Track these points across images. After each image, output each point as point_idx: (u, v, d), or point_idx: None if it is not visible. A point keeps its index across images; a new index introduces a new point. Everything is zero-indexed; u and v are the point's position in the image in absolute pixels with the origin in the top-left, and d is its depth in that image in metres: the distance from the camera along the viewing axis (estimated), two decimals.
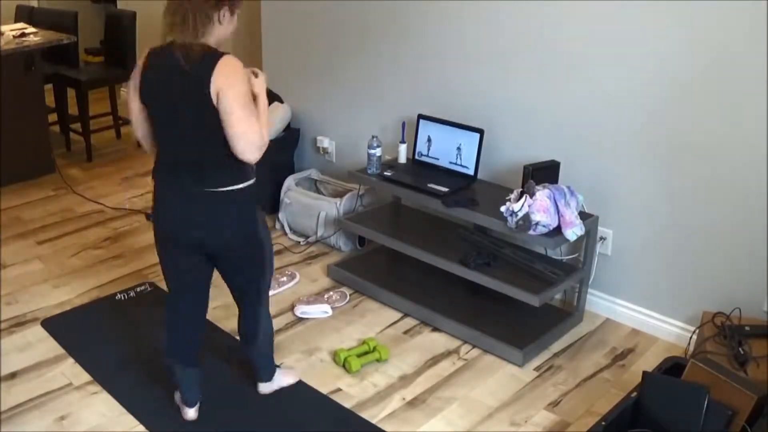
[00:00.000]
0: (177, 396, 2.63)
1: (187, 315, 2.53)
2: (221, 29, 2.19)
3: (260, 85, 2.26)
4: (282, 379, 2.75)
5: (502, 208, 2.94)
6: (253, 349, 2.63)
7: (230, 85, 2.09)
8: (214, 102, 2.10)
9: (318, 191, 4.16)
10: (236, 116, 2.11)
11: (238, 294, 2.55)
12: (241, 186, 2.27)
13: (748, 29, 2.59)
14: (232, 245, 2.37)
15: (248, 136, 2.13)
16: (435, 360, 2.96)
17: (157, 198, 2.35)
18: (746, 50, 2.61)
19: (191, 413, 2.57)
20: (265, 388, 2.72)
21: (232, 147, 2.15)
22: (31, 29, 4.68)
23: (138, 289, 3.41)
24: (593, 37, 2.98)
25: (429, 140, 3.46)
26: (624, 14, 2.87)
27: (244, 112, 2.11)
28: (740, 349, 2.49)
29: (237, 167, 2.23)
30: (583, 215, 3.00)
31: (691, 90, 2.78)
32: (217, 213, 2.28)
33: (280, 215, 4.00)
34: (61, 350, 2.96)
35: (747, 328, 2.58)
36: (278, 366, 2.78)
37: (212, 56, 2.12)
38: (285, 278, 3.49)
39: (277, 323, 3.19)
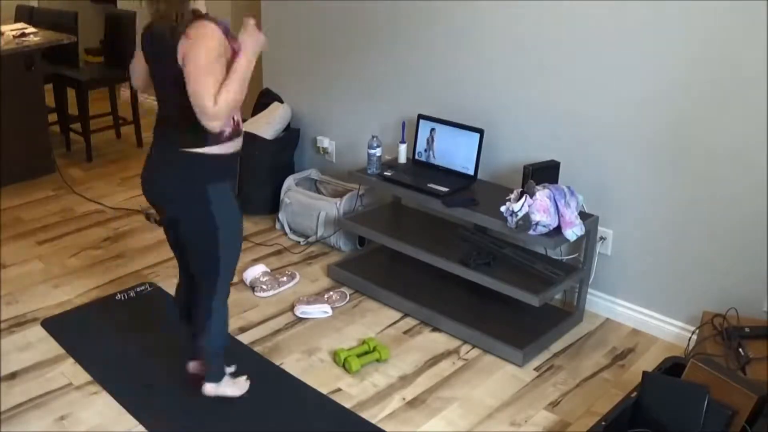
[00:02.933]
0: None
1: (182, 279, 2.64)
2: None
3: (248, 42, 2.22)
4: (227, 389, 2.63)
5: (502, 208, 2.94)
6: (202, 341, 2.54)
7: (193, 46, 2.13)
8: (180, 63, 2.15)
9: (318, 191, 4.16)
10: (191, 74, 2.13)
11: (192, 274, 2.50)
12: (195, 150, 2.26)
13: (748, 29, 2.59)
14: (175, 211, 2.38)
15: (197, 97, 2.13)
16: (435, 360, 2.96)
17: None
18: (746, 50, 2.61)
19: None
20: (209, 389, 2.60)
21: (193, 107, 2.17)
22: (31, 29, 4.68)
23: (138, 289, 3.41)
24: (594, 37, 2.98)
25: (433, 137, 3.46)
26: (624, 15, 2.87)
27: (200, 71, 2.12)
28: (740, 349, 2.49)
29: (197, 130, 2.20)
30: (583, 215, 3.00)
31: (691, 90, 2.79)
32: (165, 171, 2.33)
33: (280, 215, 4.00)
34: (61, 350, 2.96)
35: (747, 329, 2.58)
36: (231, 373, 2.70)
37: (186, 22, 2.17)
38: (285, 278, 3.49)
39: (277, 323, 3.20)
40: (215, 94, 2.12)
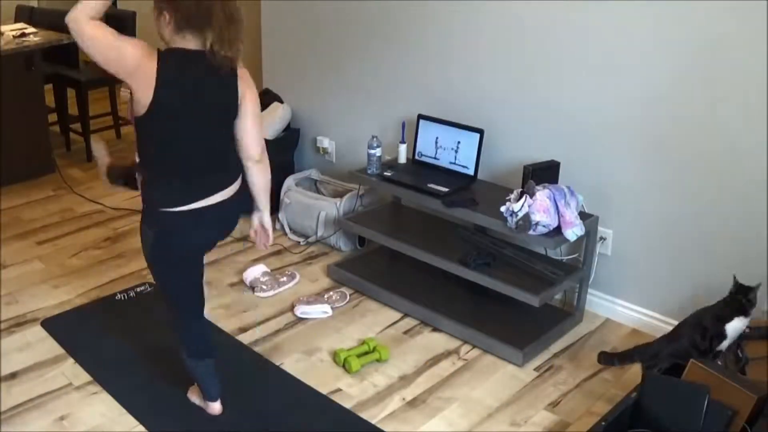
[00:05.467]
0: (195, 396, 2.64)
1: (201, 312, 2.53)
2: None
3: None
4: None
5: (502, 208, 2.94)
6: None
7: None
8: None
9: (318, 191, 4.16)
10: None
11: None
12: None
13: (748, 29, 2.59)
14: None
15: None
16: (435, 360, 2.96)
17: None
18: (747, 51, 2.61)
19: (217, 407, 2.59)
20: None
21: None
22: (31, 29, 4.68)
23: (138, 289, 3.41)
24: (593, 37, 2.98)
25: (436, 141, 3.47)
26: (624, 15, 2.87)
27: None
28: (738, 350, 2.49)
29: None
30: (583, 215, 3.00)
31: (691, 90, 2.78)
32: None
33: (280, 215, 4.00)
34: (61, 350, 2.96)
35: (747, 329, 2.58)
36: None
37: None
38: (285, 278, 3.49)
39: (277, 323, 3.20)
40: None
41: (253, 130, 2.28)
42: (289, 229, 3.98)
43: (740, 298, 2.48)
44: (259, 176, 2.38)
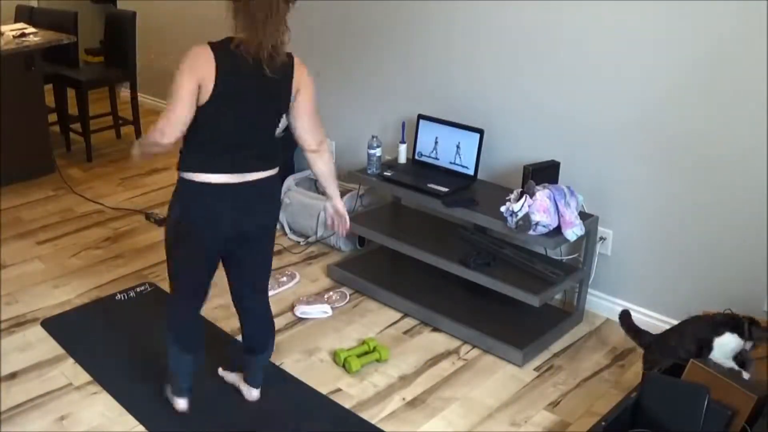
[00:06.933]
0: (168, 389, 2.63)
1: (195, 310, 2.55)
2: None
3: None
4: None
5: (502, 208, 2.94)
6: (268, 353, 2.64)
7: None
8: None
9: (318, 191, 4.15)
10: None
11: (253, 289, 2.56)
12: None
13: (748, 29, 2.59)
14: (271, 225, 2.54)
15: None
16: (435, 360, 2.96)
17: None
18: (746, 50, 2.61)
19: (183, 404, 2.58)
20: (256, 393, 2.69)
21: None
22: (31, 29, 4.67)
23: (138, 289, 3.41)
24: (593, 37, 2.98)
25: (436, 141, 3.47)
26: (624, 14, 2.87)
27: None
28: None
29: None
30: (583, 215, 3.00)
31: (691, 90, 2.79)
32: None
33: (280, 215, 4.00)
34: (61, 350, 2.96)
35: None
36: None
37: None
38: (285, 278, 3.49)
39: (277, 323, 3.17)
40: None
41: (308, 122, 2.41)
42: (289, 229, 3.97)
43: (744, 321, 2.40)
44: (319, 164, 2.50)
